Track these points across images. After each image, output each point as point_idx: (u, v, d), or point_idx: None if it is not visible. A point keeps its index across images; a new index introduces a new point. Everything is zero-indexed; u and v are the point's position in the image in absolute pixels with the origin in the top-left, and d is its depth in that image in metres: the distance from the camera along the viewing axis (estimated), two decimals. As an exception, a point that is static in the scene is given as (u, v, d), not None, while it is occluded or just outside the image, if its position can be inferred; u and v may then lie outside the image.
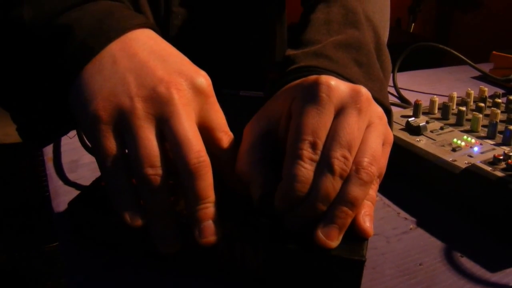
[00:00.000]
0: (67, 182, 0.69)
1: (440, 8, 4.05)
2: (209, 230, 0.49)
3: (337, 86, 0.53)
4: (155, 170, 0.49)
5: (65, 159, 0.74)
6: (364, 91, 0.54)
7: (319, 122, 0.51)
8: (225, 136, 0.56)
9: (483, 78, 1.35)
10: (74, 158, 0.74)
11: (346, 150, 0.50)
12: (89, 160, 0.72)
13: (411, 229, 0.64)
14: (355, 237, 0.51)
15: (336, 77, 0.56)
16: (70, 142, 0.77)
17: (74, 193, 0.58)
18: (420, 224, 0.66)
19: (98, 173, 0.58)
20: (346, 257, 0.49)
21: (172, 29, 0.96)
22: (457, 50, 1.19)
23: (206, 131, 0.54)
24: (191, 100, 0.52)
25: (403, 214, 0.68)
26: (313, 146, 0.50)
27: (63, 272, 0.56)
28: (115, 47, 0.54)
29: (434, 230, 0.64)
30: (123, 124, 0.50)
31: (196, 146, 0.50)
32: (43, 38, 0.55)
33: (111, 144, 0.50)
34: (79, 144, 0.68)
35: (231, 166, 0.56)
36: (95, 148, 0.50)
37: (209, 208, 0.50)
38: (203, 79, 0.54)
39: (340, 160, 0.49)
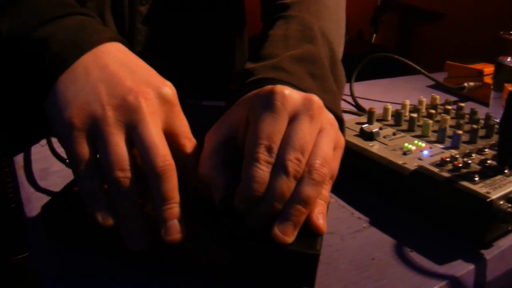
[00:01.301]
0: (39, 189, 0.71)
1: (402, 19, 4.12)
2: (174, 229, 0.53)
3: (290, 95, 0.57)
4: (124, 173, 0.52)
5: (35, 167, 0.76)
6: (316, 99, 0.58)
7: (274, 128, 0.55)
8: (189, 142, 0.60)
9: (438, 86, 1.40)
10: (45, 166, 0.76)
11: (299, 153, 0.53)
12: (59, 168, 0.74)
13: (364, 227, 0.68)
14: (310, 233, 0.55)
15: (292, 87, 0.60)
16: (41, 151, 0.79)
17: (45, 199, 0.60)
18: (373, 223, 0.70)
19: (68, 180, 0.62)
20: (301, 252, 0.52)
21: (137, 45, 0.99)
22: (418, 60, 1.24)
23: (171, 138, 0.58)
24: (157, 108, 0.56)
25: (357, 214, 0.72)
26: (269, 149, 0.53)
27: (34, 282, 0.58)
28: (87, 59, 0.58)
29: (385, 228, 0.68)
30: (95, 131, 0.53)
31: (162, 151, 0.53)
32: (20, 49, 0.59)
33: (84, 150, 0.53)
34: (49, 152, 0.71)
35: (195, 170, 0.59)
36: (69, 154, 0.54)
37: (174, 208, 0.53)
38: (169, 89, 0.58)
39: (293, 162, 0.53)
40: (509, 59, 1.10)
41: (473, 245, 0.66)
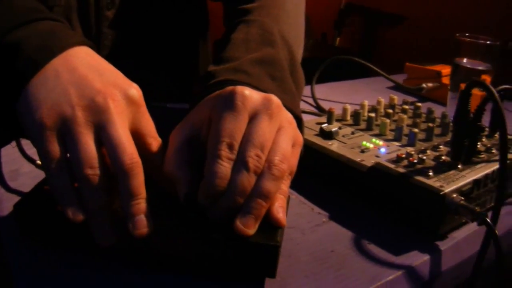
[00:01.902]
0: (9, 189, 0.73)
1: (365, 22, 4.17)
2: (142, 223, 0.55)
3: (250, 95, 0.60)
4: (93, 171, 0.55)
5: (5, 169, 0.77)
6: (275, 99, 0.61)
7: (235, 126, 0.57)
8: (155, 141, 0.62)
9: (399, 87, 1.45)
10: (14, 167, 0.78)
11: (259, 150, 0.56)
12: (29, 169, 0.76)
13: (324, 222, 0.71)
14: (271, 226, 0.57)
15: (252, 88, 0.62)
16: (10, 153, 0.80)
17: (16, 199, 0.61)
18: (332, 217, 0.72)
19: (38, 180, 0.63)
20: (262, 243, 0.55)
21: (103, 48, 1.01)
22: (382, 62, 1.28)
23: (138, 137, 0.60)
24: (124, 109, 0.59)
25: (317, 209, 0.74)
26: (230, 147, 0.56)
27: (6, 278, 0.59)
28: (57, 62, 0.60)
29: (344, 222, 0.71)
30: (66, 131, 0.56)
31: (129, 149, 0.56)
32: None
33: (55, 148, 0.55)
34: (19, 154, 0.72)
35: (161, 168, 0.62)
36: (40, 153, 0.56)
37: (141, 204, 0.56)
38: (135, 90, 0.61)
39: (254, 158, 0.56)
40: (465, 60, 1.14)
41: (428, 237, 0.69)
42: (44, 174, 0.58)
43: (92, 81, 0.59)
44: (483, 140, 0.86)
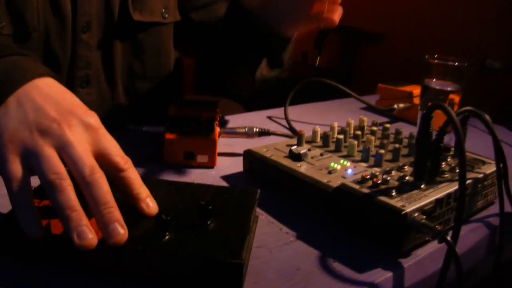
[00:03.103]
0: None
1: (344, 42, 4.22)
2: (115, 231, 0.59)
3: None
4: (57, 175, 0.59)
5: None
6: None
7: None
8: (121, 159, 0.66)
9: (371, 108, 1.48)
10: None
11: None
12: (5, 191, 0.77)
13: (291, 241, 0.74)
14: (238, 244, 0.60)
15: None
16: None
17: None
18: (299, 237, 0.75)
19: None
20: (227, 261, 0.58)
21: (78, 70, 1.10)
22: (360, 82, 1.31)
23: (103, 158, 0.65)
24: (81, 133, 0.64)
25: (285, 229, 0.77)
26: None
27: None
28: (19, 93, 0.67)
29: (312, 241, 0.74)
30: (27, 152, 0.61)
31: (88, 162, 0.62)
32: None
33: (16, 168, 0.61)
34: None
35: (134, 186, 0.66)
36: (3, 174, 0.61)
37: (113, 213, 0.60)
38: (91, 116, 0.67)
39: None
40: (434, 81, 1.17)
41: (392, 254, 0.72)
42: None
43: (48, 110, 0.65)
44: (448, 160, 0.89)
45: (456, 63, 1.14)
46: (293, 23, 1.10)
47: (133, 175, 0.66)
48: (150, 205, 0.66)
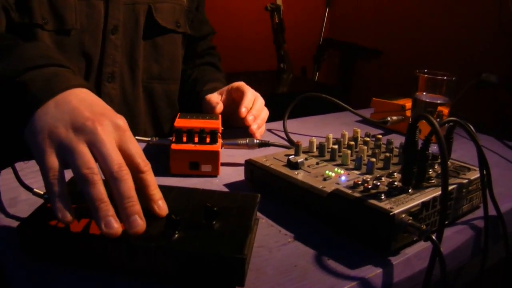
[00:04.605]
0: (8, 215, 0.81)
1: (343, 57, 4.26)
2: (136, 222, 0.66)
3: None
4: (90, 170, 0.66)
5: (4, 197, 0.86)
6: None
7: None
8: (143, 162, 0.73)
9: (366, 121, 1.55)
10: (13, 195, 0.87)
11: None
12: (26, 197, 0.84)
13: (289, 242, 0.80)
14: (240, 241, 0.67)
15: None
16: (8, 182, 0.89)
17: (15, 223, 0.70)
18: (297, 238, 0.81)
19: (35, 206, 0.73)
20: (231, 256, 0.64)
21: (105, 66, 1.32)
22: (359, 95, 1.37)
23: (127, 158, 0.71)
24: (111, 132, 0.71)
25: (284, 231, 0.83)
26: None
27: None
28: (57, 98, 0.75)
29: (308, 242, 0.80)
30: (63, 147, 0.68)
31: (117, 160, 0.68)
32: (4, 90, 0.78)
33: (53, 160, 0.68)
34: (16, 183, 0.81)
35: (149, 188, 0.72)
36: (40, 166, 0.68)
37: (134, 206, 0.67)
38: (121, 120, 0.74)
39: None
40: (424, 94, 1.24)
41: (382, 253, 0.78)
42: (41, 201, 0.72)
43: (83, 111, 0.73)
44: (436, 167, 0.94)
45: (445, 77, 1.20)
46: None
47: (150, 177, 0.73)
48: (162, 206, 0.72)
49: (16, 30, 1.13)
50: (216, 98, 1.34)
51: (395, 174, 0.90)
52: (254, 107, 1.29)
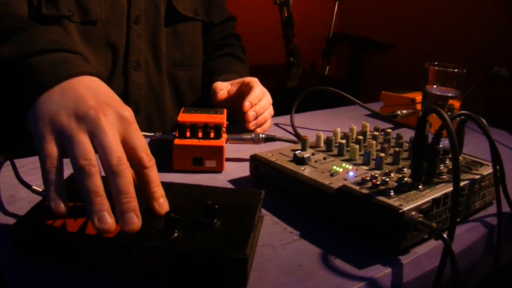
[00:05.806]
0: (7, 213, 0.79)
1: (352, 51, 4.25)
2: (130, 220, 0.63)
3: None
4: (88, 161, 0.64)
5: (3, 194, 0.84)
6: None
7: None
8: (147, 157, 0.70)
9: (375, 115, 1.52)
10: (12, 193, 0.84)
11: None
12: (25, 194, 0.82)
13: (295, 240, 0.77)
14: (242, 241, 0.64)
15: None
16: (7, 180, 0.87)
17: (13, 221, 0.68)
18: (303, 236, 0.78)
19: (34, 204, 0.71)
20: (233, 256, 0.62)
21: (131, 55, 1.35)
22: (370, 87, 1.35)
23: (130, 152, 0.69)
24: (115, 123, 0.69)
25: (289, 229, 0.80)
26: None
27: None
28: (64, 84, 0.74)
29: (314, 240, 0.77)
30: (63, 135, 0.66)
31: (117, 152, 0.66)
32: (13, 72, 0.78)
33: (51, 147, 0.66)
34: (15, 181, 0.79)
35: (152, 184, 0.70)
36: (39, 152, 0.66)
37: (131, 202, 0.64)
38: (127, 111, 0.71)
39: None
40: (434, 87, 1.21)
41: (391, 252, 0.75)
42: (40, 198, 0.70)
43: (88, 99, 0.70)
44: (447, 162, 0.92)
45: (456, 70, 1.17)
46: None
47: (153, 174, 0.70)
48: (162, 204, 0.69)
49: (46, 23, 1.13)
50: (222, 86, 1.36)
51: (404, 169, 0.88)
52: (259, 103, 1.27)
